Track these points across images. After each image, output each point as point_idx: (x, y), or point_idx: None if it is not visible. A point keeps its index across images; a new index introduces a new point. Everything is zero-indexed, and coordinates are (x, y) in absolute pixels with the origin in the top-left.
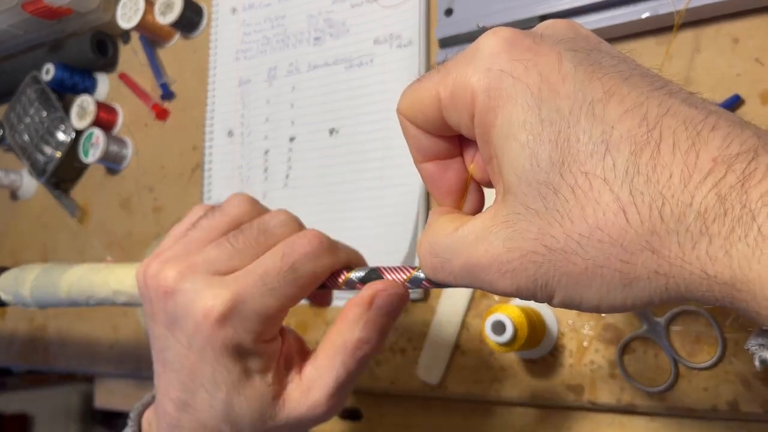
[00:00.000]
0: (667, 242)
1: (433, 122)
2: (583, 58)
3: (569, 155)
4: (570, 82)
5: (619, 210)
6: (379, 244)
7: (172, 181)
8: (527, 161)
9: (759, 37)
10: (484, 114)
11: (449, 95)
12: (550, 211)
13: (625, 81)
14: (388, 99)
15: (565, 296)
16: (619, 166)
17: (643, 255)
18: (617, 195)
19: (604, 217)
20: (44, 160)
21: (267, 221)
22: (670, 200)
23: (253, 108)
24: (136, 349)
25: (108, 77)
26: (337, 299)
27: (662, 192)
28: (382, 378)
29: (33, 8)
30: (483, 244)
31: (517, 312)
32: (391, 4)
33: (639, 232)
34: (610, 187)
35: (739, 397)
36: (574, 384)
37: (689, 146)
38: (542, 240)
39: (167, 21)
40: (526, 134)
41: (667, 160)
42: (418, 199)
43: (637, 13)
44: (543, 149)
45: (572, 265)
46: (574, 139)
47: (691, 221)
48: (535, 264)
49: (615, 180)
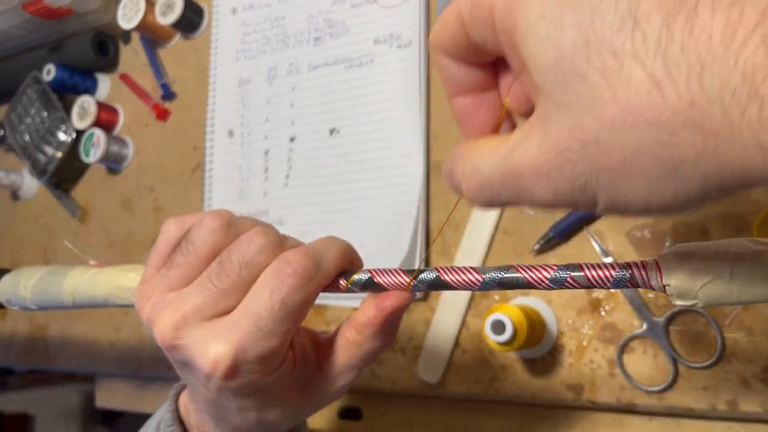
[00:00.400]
0: (709, 113)
1: (460, 45)
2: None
3: (594, 37)
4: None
5: (653, 86)
6: (379, 244)
7: (173, 181)
8: (551, 53)
9: None
10: (504, 20)
11: (470, 11)
12: (581, 100)
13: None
14: (388, 99)
15: (608, 197)
16: (650, 38)
17: (684, 133)
18: (650, 70)
19: (636, 97)
20: (45, 161)
21: (245, 252)
22: (710, 65)
23: (253, 108)
24: (137, 349)
25: (109, 77)
26: (337, 299)
27: (700, 57)
28: (382, 377)
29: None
30: (517, 151)
31: (516, 311)
32: (390, 5)
33: (676, 107)
34: (642, 63)
35: (739, 397)
36: (573, 383)
37: (731, 2)
38: (574, 134)
39: (168, 21)
40: (546, 25)
41: (706, 20)
42: (418, 199)
43: None
44: (565, 37)
45: (608, 158)
46: (598, 20)
47: (737, 84)
48: (571, 162)
49: (647, 54)
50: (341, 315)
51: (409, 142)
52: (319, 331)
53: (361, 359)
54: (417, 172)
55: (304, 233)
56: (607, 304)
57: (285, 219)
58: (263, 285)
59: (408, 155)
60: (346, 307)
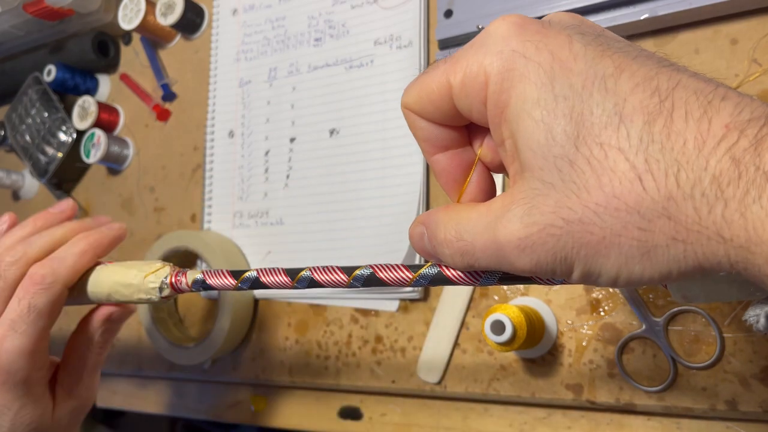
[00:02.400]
0: (683, 207)
1: (443, 112)
2: (592, 40)
3: (584, 128)
4: (581, 59)
5: (635, 178)
6: (379, 244)
7: (173, 182)
8: (542, 136)
9: (757, 38)
10: (497, 95)
11: (460, 82)
12: (567, 183)
13: (634, 59)
14: (389, 100)
15: (584, 269)
16: (633, 136)
17: (660, 221)
18: (633, 163)
19: (620, 185)
20: (46, 161)
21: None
22: (685, 166)
23: (253, 108)
24: (138, 348)
25: (109, 78)
26: (335, 299)
27: (677, 158)
28: (382, 377)
29: (34, 9)
30: (501, 222)
31: (516, 312)
32: (391, 6)
33: (655, 198)
34: (626, 156)
35: (738, 397)
36: (573, 383)
37: (701, 114)
38: (559, 212)
39: (168, 22)
40: (540, 110)
41: (681, 127)
42: (418, 199)
43: (636, 14)
44: (558, 124)
45: (590, 235)
46: (587, 113)
47: (706, 185)
48: (554, 237)
49: (630, 149)
50: (341, 315)
51: (409, 142)
52: None
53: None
54: (417, 172)
55: (304, 233)
56: (606, 304)
57: (285, 219)
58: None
59: (408, 155)
60: (346, 306)
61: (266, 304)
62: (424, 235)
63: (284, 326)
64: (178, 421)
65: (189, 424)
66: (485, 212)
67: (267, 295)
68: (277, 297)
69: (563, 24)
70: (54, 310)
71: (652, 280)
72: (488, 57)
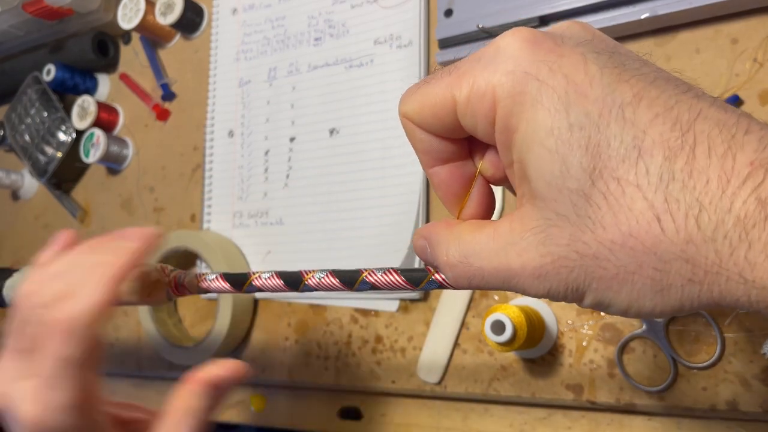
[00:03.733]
0: (703, 251)
1: (444, 125)
2: (607, 60)
3: (600, 161)
4: (597, 84)
5: (654, 218)
6: (379, 244)
7: (173, 182)
8: (557, 168)
9: (758, 37)
10: (507, 118)
11: (466, 98)
12: (582, 217)
13: (652, 84)
14: (389, 99)
15: (594, 299)
16: (652, 172)
17: (677, 263)
18: (651, 202)
19: (637, 224)
20: (45, 161)
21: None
22: (707, 207)
23: (253, 108)
24: (137, 348)
25: (109, 78)
26: (334, 299)
27: (699, 199)
28: (382, 377)
29: (34, 9)
30: (514, 249)
31: (516, 312)
32: (391, 5)
33: (674, 240)
34: (644, 194)
35: (738, 397)
36: (573, 383)
37: (725, 150)
38: (574, 246)
39: (168, 22)
40: (554, 140)
41: (703, 165)
42: (418, 199)
43: (636, 13)
44: (573, 155)
45: (603, 271)
46: (604, 145)
47: (729, 227)
48: (567, 269)
49: (649, 186)
50: (341, 315)
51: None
52: None
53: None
54: (417, 172)
55: (304, 233)
56: None
57: (285, 219)
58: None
59: (408, 155)
60: (346, 306)
61: (266, 304)
62: (426, 248)
63: (284, 326)
64: None
65: None
66: (493, 236)
67: (267, 295)
68: (277, 297)
69: (576, 39)
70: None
71: (663, 313)
72: (497, 76)
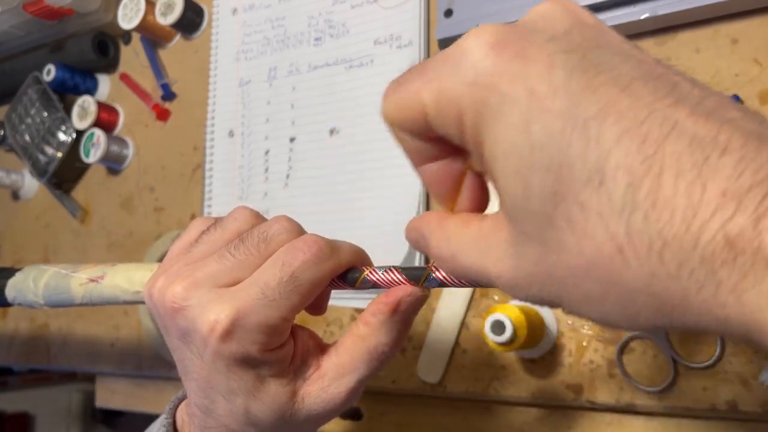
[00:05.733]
0: (668, 286)
1: (422, 129)
2: (579, 62)
3: (563, 184)
4: (562, 96)
5: (616, 250)
6: (379, 244)
7: (173, 182)
8: (519, 189)
9: (758, 37)
10: (473, 130)
11: (435, 107)
12: (547, 240)
13: (625, 91)
14: None
15: (571, 311)
16: (615, 199)
17: (642, 297)
18: (613, 233)
19: (600, 254)
20: (45, 161)
21: (267, 229)
22: (671, 243)
23: (253, 108)
24: (137, 348)
25: (109, 78)
26: (334, 299)
27: (662, 232)
28: (382, 377)
29: (34, 9)
30: (492, 255)
31: (516, 312)
32: (391, 5)
33: (637, 274)
34: (606, 223)
35: (738, 397)
36: (573, 383)
37: (694, 177)
38: (541, 266)
39: (168, 22)
40: (516, 160)
41: (669, 194)
42: (418, 199)
43: (636, 13)
44: (535, 178)
45: (571, 292)
46: (566, 166)
47: (695, 266)
48: (538, 285)
49: (611, 215)
50: (341, 315)
51: None
52: None
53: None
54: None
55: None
56: None
57: None
58: (277, 257)
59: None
60: (346, 307)
61: None
62: (419, 241)
63: None
64: None
65: None
66: (477, 236)
67: None
68: None
69: (549, 33)
70: (313, 293)
71: (641, 329)
72: (460, 86)
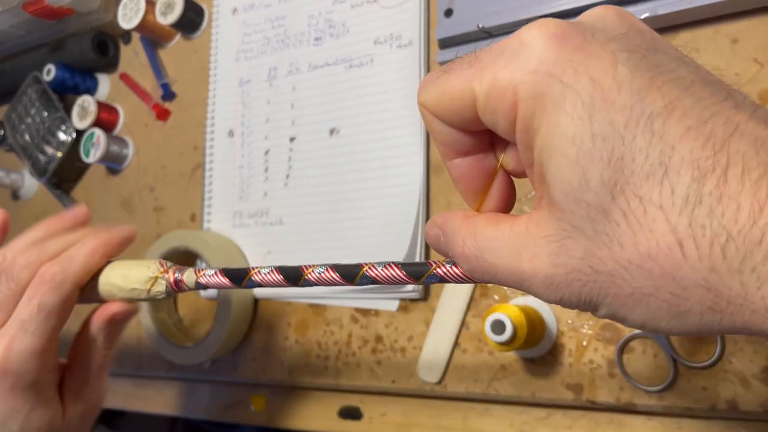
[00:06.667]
0: (727, 281)
1: (463, 119)
2: (640, 61)
3: (623, 176)
4: (626, 90)
5: (675, 242)
6: (379, 244)
7: (173, 181)
8: (576, 179)
9: (758, 37)
10: (528, 119)
11: (486, 94)
12: (599, 233)
13: (687, 91)
14: (389, 99)
15: (608, 313)
16: (678, 193)
17: (697, 291)
18: (674, 225)
19: (657, 247)
20: (45, 160)
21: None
22: (735, 237)
23: (253, 108)
24: (137, 348)
25: (109, 77)
26: (334, 299)
27: (727, 227)
28: (382, 377)
29: (34, 8)
30: (527, 253)
31: (516, 311)
32: (391, 5)
33: (696, 267)
34: (667, 216)
35: (738, 397)
36: (573, 383)
37: (760, 175)
38: (588, 261)
39: (168, 21)
40: (575, 150)
41: (735, 189)
42: (418, 199)
43: (636, 13)
44: (594, 168)
45: (618, 288)
46: (628, 159)
47: (758, 261)
48: (580, 282)
49: (673, 208)
50: (341, 315)
51: (409, 142)
52: None
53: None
54: (417, 172)
55: (304, 233)
56: None
57: (285, 219)
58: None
59: (408, 155)
60: (346, 307)
61: (266, 303)
62: (440, 238)
63: (284, 326)
64: (177, 421)
65: (189, 423)
66: (509, 234)
67: (267, 295)
68: (277, 297)
69: (609, 34)
70: (65, 309)
71: (680, 334)
72: (519, 74)
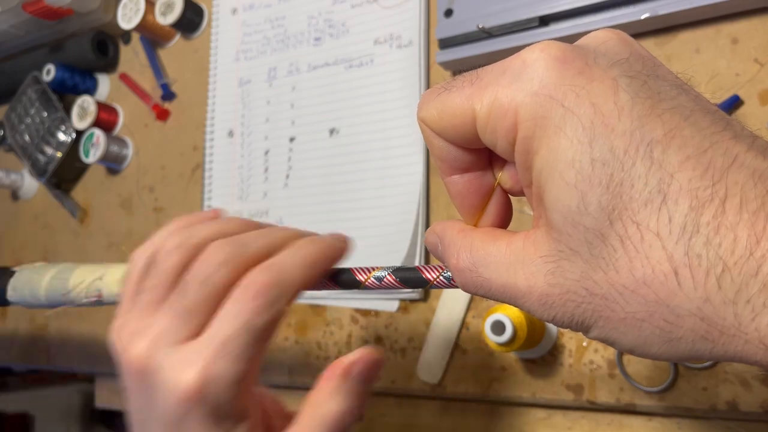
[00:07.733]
0: (721, 312)
1: (463, 137)
2: (641, 88)
3: (621, 202)
4: (627, 117)
5: (671, 271)
6: (379, 244)
7: (173, 182)
8: (574, 203)
9: (758, 37)
10: (528, 141)
11: (486, 113)
12: (595, 257)
13: (687, 120)
14: (389, 99)
15: (599, 335)
16: (676, 222)
17: (690, 320)
18: (671, 253)
19: (652, 274)
20: (45, 161)
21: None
22: (731, 268)
23: (253, 108)
24: None
25: (109, 78)
26: (334, 299)
27: (723, 257)
28: (382, 378)
29: (34, 9)
30: (524, 271)
31: (516, 312)
32: (391, 5)
33: (690, 297)
34: (663, 244)
35: (738, 397)
36: (573, 384)
37: (758, 207)
38: (583, 283)
39: (168, 21)
40: (574, 174)
41: (732, 221)
42: (418, 199)
43: (636, 13)
44: (592, 192)
45: (611, 312)
46: (627, 185)
47: (753, 293)
48: (574, 303)
49: (670, 237)
50: (341, 315)
51: (409, 142)
52: None
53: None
54: (417, 172)
55: None
56: None
57: (285, 219)
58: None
59: (408, 155)
60: (346, 307)
61: None
62: (438, 246)
63: (284, 326)
64: None
65: None
66: (505, 251)
67: None
68: None
69: (611, 58)
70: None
71: (670, 359)
72: (520, 95)
